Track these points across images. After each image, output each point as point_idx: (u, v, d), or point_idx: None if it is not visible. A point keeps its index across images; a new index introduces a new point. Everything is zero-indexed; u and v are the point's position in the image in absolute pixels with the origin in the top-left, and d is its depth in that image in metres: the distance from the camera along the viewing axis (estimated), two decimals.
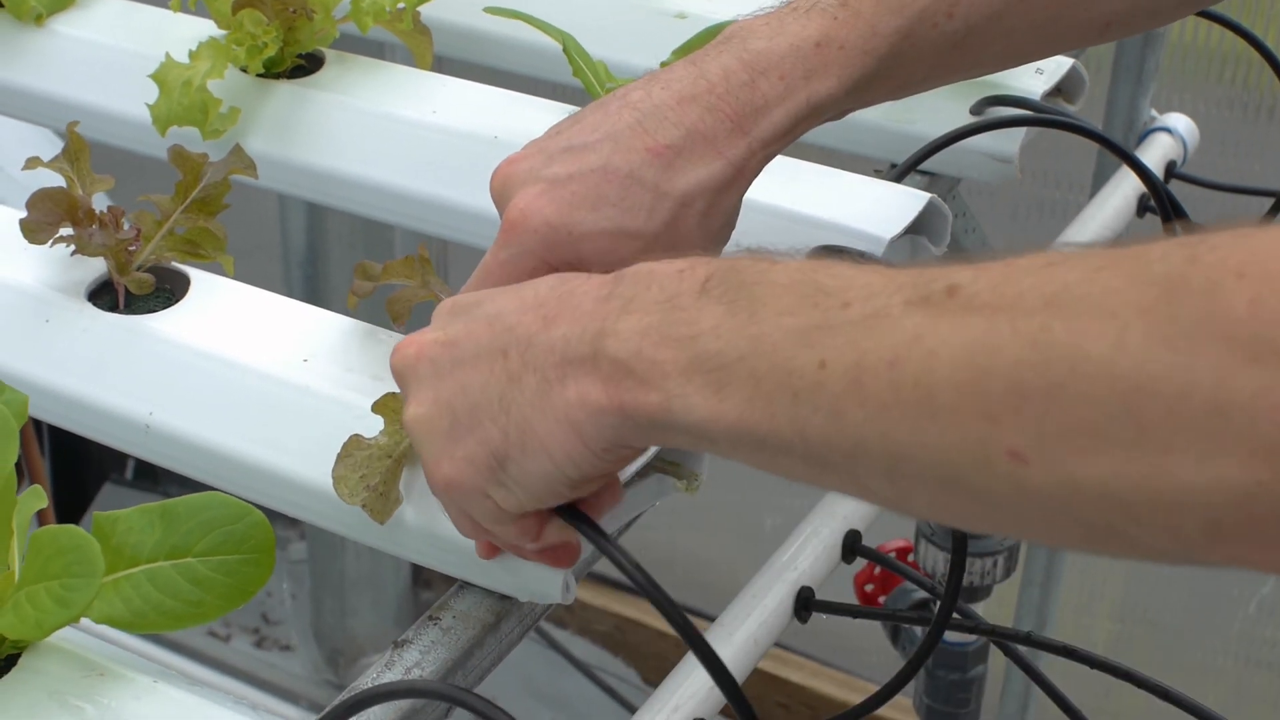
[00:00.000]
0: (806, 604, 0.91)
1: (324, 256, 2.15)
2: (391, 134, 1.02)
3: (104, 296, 0.89)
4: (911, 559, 1.49)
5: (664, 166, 0.74)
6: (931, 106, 1.02)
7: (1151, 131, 1.41)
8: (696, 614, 0.84)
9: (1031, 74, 1.07)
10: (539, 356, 0.62)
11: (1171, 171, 1.39)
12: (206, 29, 1.09)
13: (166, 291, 0.89)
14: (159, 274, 0.90)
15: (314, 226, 2.14)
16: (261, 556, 0.73)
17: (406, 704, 0.70)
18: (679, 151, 0.74)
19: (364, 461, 0.75)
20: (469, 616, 0.75)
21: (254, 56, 1.03)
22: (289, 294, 0.91)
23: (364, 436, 0.76)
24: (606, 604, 2.54)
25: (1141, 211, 1.31)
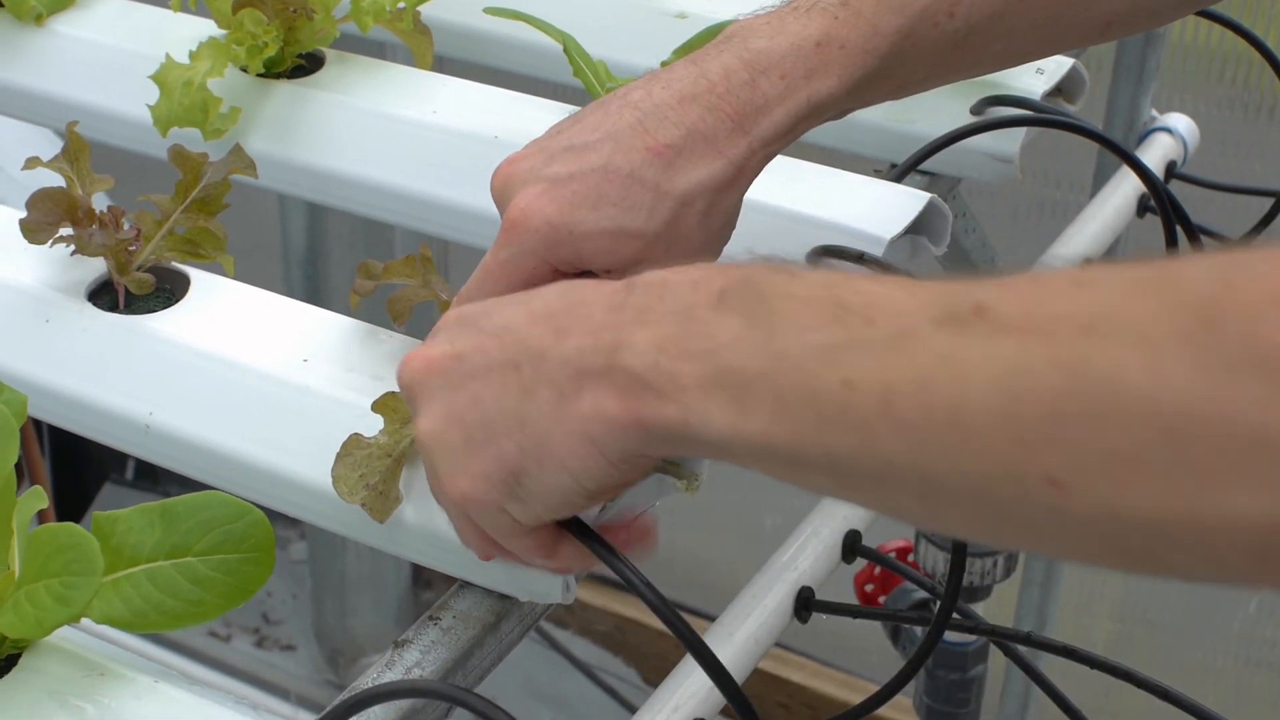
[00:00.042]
0: (806, 604, 0.91)
1: (324, 256, 2.15)
2: (392, 134, 1.02)
3: (104, 296, 0.89)
4: (911, 559, 1.49)
5: (664, 166, 0.74)
6: (931, 106, 1.02)
7: (1152, 131, 1.41)
8: (696, 614, 0.84)
9: (1032, 74, 1.07)
10: (553, 370, 0.61)
11: (1172, 171, 1.39)
12: (206, 29, 1.09)
13: (166, 291, 0.89)
14: (159, 274, 0.90)
15: (314, 226, 2.14)
16: (261, 556, 0.73)
17: (407, 704, 0.70)
18: (679, 151, 0.74)
19: (363, 460, 0.75)
20: (469, 616, 0.75)
21: (254, 56, 1.03)
22: (289, 294, 0.91)
23: (364, 436, 0.76)
24: (606, 604, 2.54)
25: (1142, 211, 1.31)
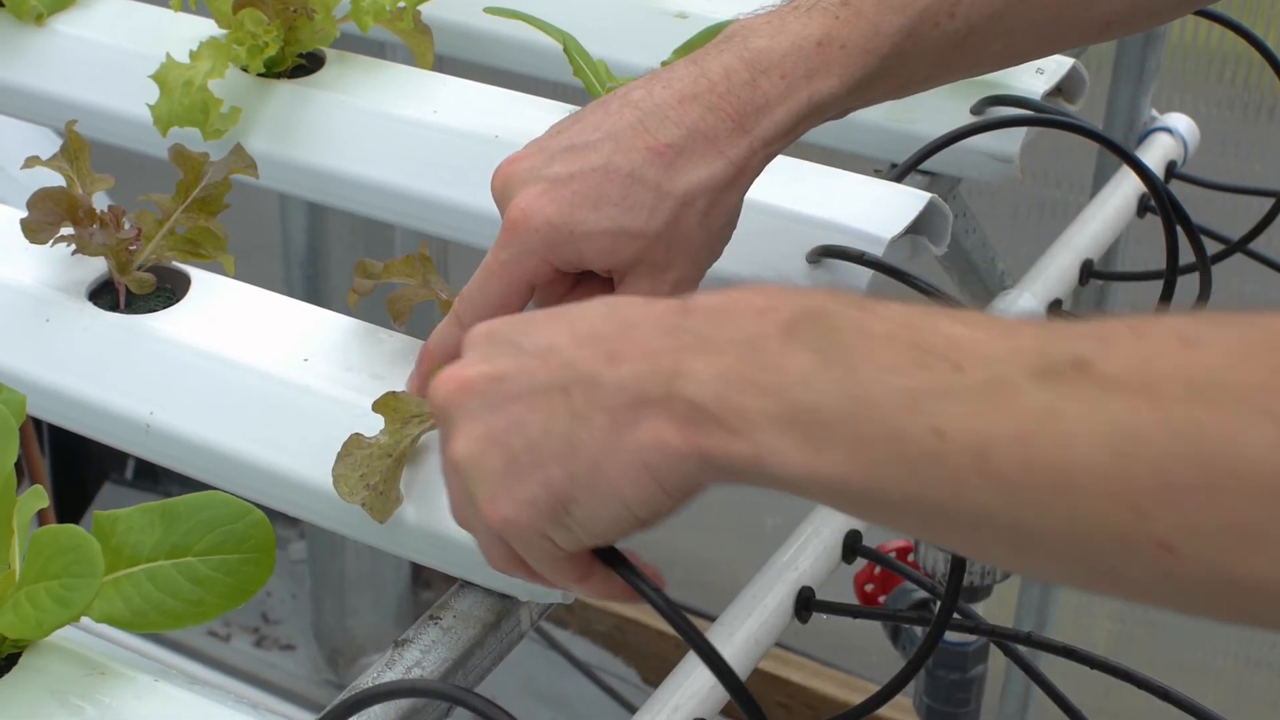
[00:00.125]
0: (807, 604, 0.91)
1: (324, 256, 2.15)
2: (392, 133, 1.02)
3: (104, 296, 0.89)
4: (911, 559, 1.49)
5: (665, 166, 0.74)
6: (932, 106, 1.02)
7: (1152, 131, 1.41)
8: (697, 614, 0.84)
9: (1032, 74, 1.07)
10: (608, 396, 0.59)
11: (1172, 171, 1.39)
12: (207, 28, 1.09)
13: (167, 291, 0.89)
14: (159, 273, 0.90)
15: (315, 226, 2.14)
16: (261, 556, 0.73)
17: (407, 703, 0.70)
18: (680, 151, 0.74)
19: (364, 460, 0.75)
20: (469, 616, 0.75)
21: (255, 56, 1.03)
22: (289, 294, 0.91)
23: (364, 435, 0.76)
24: (606, 604, 2.54)
25: (1142, 211, 1.31)
